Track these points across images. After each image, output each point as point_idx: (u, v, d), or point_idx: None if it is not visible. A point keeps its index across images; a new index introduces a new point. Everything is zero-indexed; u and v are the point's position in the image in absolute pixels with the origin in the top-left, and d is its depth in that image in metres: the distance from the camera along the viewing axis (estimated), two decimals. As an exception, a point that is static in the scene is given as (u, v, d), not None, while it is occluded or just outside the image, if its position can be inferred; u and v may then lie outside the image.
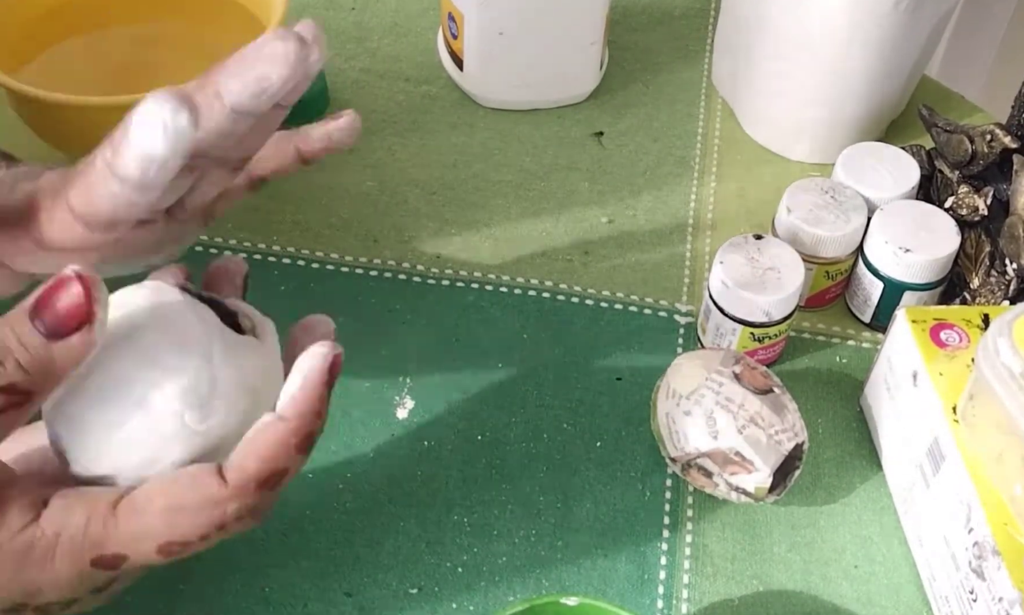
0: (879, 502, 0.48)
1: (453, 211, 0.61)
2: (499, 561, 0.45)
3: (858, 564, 0.46)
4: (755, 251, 0.51)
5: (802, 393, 0.52)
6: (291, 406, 0.32)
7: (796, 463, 0.45)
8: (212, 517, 0.31)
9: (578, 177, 0.64)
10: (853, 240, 0.53)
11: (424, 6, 0.75)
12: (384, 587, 0.44)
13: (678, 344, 0.55)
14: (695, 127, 0.68)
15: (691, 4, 0.77)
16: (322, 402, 0.32)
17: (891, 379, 0.48)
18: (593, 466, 0.49)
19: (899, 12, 0.58)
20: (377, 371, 0.52)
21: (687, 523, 0.47)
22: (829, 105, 0.63)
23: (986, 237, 0.53)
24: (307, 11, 0.74)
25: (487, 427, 0.50)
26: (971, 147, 0.56)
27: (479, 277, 0.57)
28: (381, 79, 0.70)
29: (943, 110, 0.65)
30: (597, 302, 0.56)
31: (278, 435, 0.32)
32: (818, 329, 0.56)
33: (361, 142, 0.65)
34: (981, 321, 0.47)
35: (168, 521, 0.31)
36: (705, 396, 0.45)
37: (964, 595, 0.41)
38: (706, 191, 0.63)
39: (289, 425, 0.32)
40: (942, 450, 0.43)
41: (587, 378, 0.53)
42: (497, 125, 0.67)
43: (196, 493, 0.31)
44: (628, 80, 0.71)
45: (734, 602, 0.45)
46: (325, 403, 0.33)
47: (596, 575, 0.45)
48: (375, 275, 0.57)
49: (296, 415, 0.32)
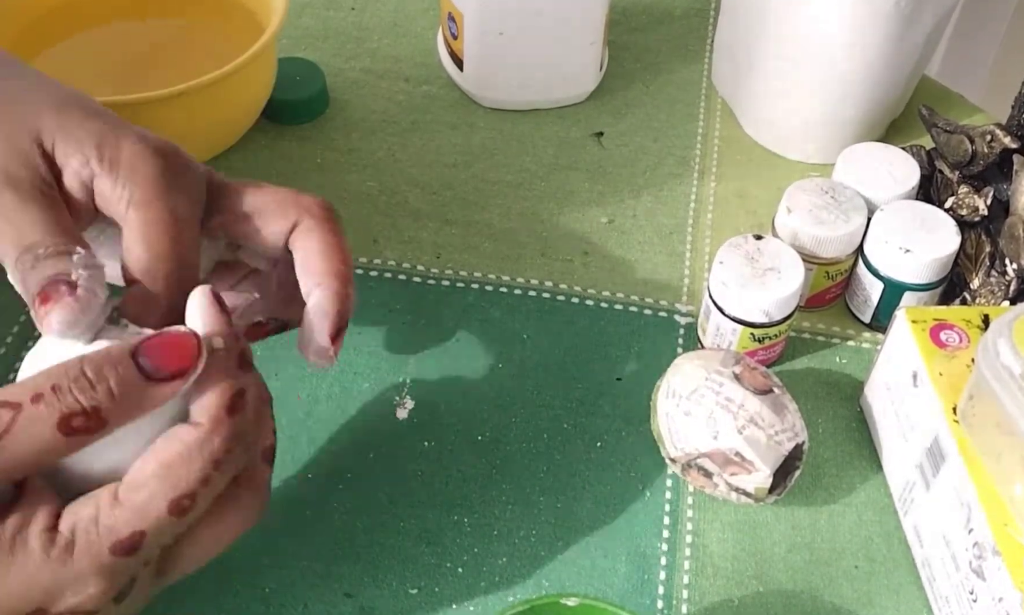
0: (879, 502, 0.48)
1: (453, 211, 0.61)
2: (499, 561, 0.45)
3: (858, 564, 0.46)
4: (755, 251, 0.51)
5: (802, 393, 0.52)
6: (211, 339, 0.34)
7: (796, 463, 0.45)
8: (202, 459, 0.33)
9: (578, 177, 0.64)
10: (853, 240, 0.53)
11: (424, 6, 0.75)
12: (384, 587, 0.44)
13: (678, 344, 0.55)
14: (695, 127, 0.68)
15: (691, 4, 0.77)
16: (231, 325, 0.35)
17: (891, 379, 0.48)
18: (593, 466, 0.49)
19: (899, 12, 0.58)
20: (377, 371, 0.52)
21: (687, 523, 0.47)
22: (829, 105, 0.63)
23: (986, 237, 0.53)
24: (307, 11, 0.74)
25: (487, 427, 0.50)
26: (971, 147, 0.56)
27: (479, 277, 0.57)
28: (381, 79, 0.70)
29: (943, 110, 0.65)
30: (597, 302, 0.56)
31: (219, 362, 0.34)
32: (818, 329, 0.56)
33: (361, 142, 0.65)
34: (981, 321, 0.47)
35: (165, 479, 0.32)
36: (705, 396, 0.45)
37: (964, 595, 0.41)
38: (706, 191, 0.63)
39: (221, 352, 0.34)
40: (942, 450, 0.43)
41: (587, 378, 0.53)
42: (497, 125, 0.67)
43: (177, 445, 0.32)
44: (628, 80, 0.71)
45: (734, 602, 0.45)
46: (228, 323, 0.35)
47: (596, 575, 0.45)
48: (375, 275, 0.57)
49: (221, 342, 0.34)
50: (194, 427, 0.33)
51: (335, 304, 0.40)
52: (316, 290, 0.40)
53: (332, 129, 0.66)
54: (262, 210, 0.41)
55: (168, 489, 0.32)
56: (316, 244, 0.40)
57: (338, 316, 0.40)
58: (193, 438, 0.33)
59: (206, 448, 0.33)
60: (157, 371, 0.32)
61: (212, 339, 0.34)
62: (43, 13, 0.63)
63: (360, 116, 0.67)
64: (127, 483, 0.32)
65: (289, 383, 0.51)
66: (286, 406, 0.50)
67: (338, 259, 0.40)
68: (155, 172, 0.38)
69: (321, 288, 0.40)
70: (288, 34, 0.72)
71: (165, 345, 0.33)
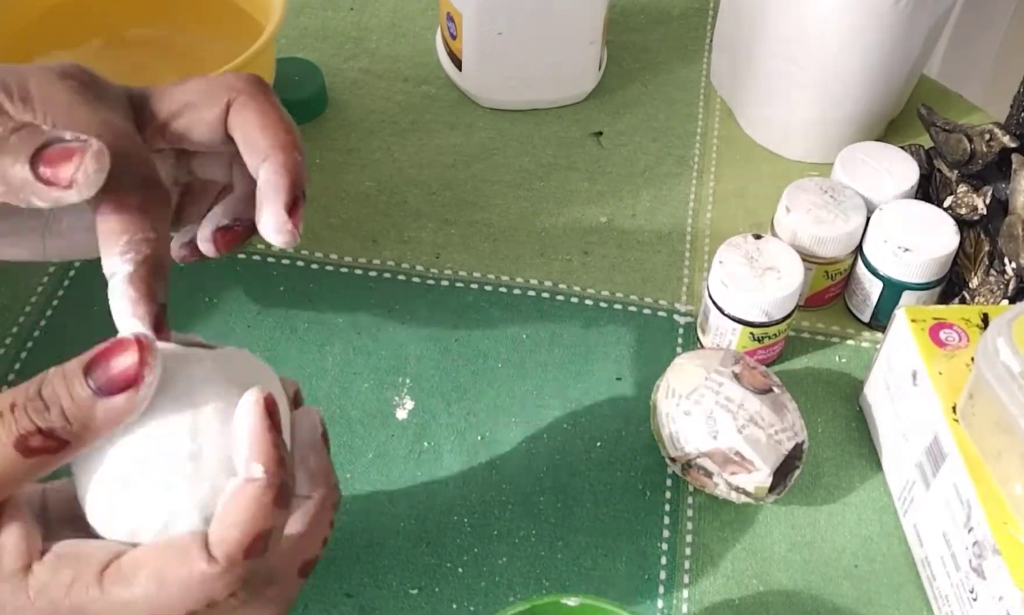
0: (879, 502, 0.48)
1: (453, 211, 0.61)
2: (499, 561, 0.45)
3: (858, 564, 0.46)
4: (754, 251, 0.51)
5: (802, 393, 0.52)
6: (250, 464, 0.31)
7: (796, 463, 0.45)
8: (200, 594, 0.30)
9: (577, 177, 0.64)
10: (852, 240, 0.53)
11: (423, 6, 0.75)
12: (384, 587, 0.44)
13: (678, 344, 0.55)
14: (694, 127, 0.68)
15: (690, 4, 0.77)
16: (278, 449, 0.31)
17: (891, 378, 0.48)
18: (593, 466, 0.49)
19: (898, 11, 0.58)
20: (377, 371, 0.52)
21: (687, 523, 0.47)
22: (828, 104, 0.63)
23: (985, 236, 0.53)
24: (305, 11, 0.74)
25: (487, 427, 0.50)
26: (970, 146, 0.56)
27: (479, 277, 0.57)
28: (380, 79, 0.70)
29: (942, 110, 0.65)
30: (596, 302, 0.56)
31: (251, 497, 0.31)
32: (818, 329, 0.56)
33: (360, 142, 0.65)
34: (980, 320, 0.47)
35: (152, 596, 0.30)
36: (705, 396, 0.45)
37: (964, 594, 0.41)
38: (705, 191, 0.63)
39: (258, 484, 0.31)
40: (942, 449, 0.43)
41: (587, 378, 0.53)
42: (496, 125, 0.67)
43: (182, 567, 0.30)
44: (627, 80, 0.71)
45: (734, 602, 0.45)
46: (282, 449, 0.32)
47: (596, 575, 0.45)
48: (375, 275, 0.57)
49: (261, 472, 0.31)
50: (207, 560, 0.30)
51: (283, 176, 0.37)
52: (263, 166, 0.37)
53: (331, 129, 0.66)
54: (191, 102, 0.38)
55: (151, 607, 0.30)
56: (253, 119, 0.38)
57: (290, 187, 0.37)
58: (198, 569, 0.30)
59: (207, 587, 0.30)
60: (106, 385, 0.30)
61: (252, 466, 0.31)
62: (38, 18, 0.62)
63: (359, 116, 0.67)
64: (115, 569, 0.30)
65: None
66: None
67: (279, 129, 0.38)
68: (69, 94, 0.35)
69: (267, 162, 0.37)
70: (287, 34, 0.72)
71: (105, 355, 0.30)
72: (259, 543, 0.30)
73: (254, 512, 0.30)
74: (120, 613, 0.30)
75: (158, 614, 0.30)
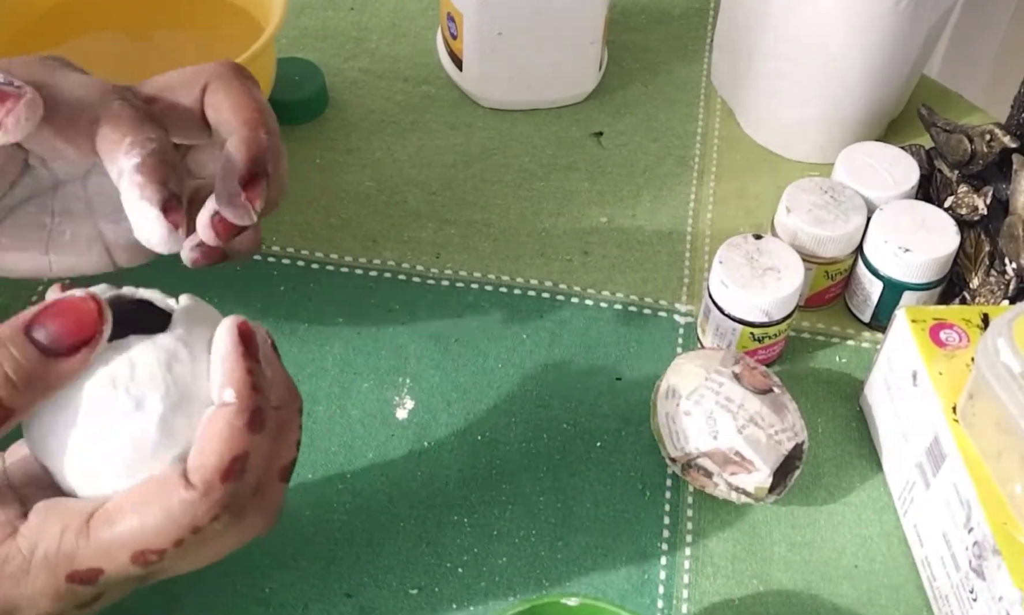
0: (879, 502, 0.48)
1: (453, 211, 0.61)
2: (499, 561, 0.45)
3: (858, 564, 0.46)
4: (755, 251, 0.51)
5: (802, 393, 0.52)
6: (223, 389, 0.32)
7: (796, 463, 0.45)
8: (183, 521, 0.30)
9: (577, 177, 0.64)
10: (853, 240, 0.53)
11: (423, 6, 0.75)
12: (384, 587, 0.44)
13: (678, 344, 0.55)
14: (694, 127, 0.68)
15: (690, 4, 0.77)
16: (252, 375, 0.32)
17: (891, 379, 0.48)
18: (593, 466, 0.49)
19: (898, 11, 0.58)
20: (377, 371, 0.52)
21: (687, 523, 0.47)
22: (828, 105, 0.63)
23: (985, 237, 0.53)
24: (306, 11, 0.74)
25: (487, 427, 0.50)
26: (970, 147, 0.56)
27: (479, 277, 0.57)
28: (380, 79, 0.70)
29: (943, 110, 0.65)
30: (596, 302, 0.56)
31: (224, 421, 0.31)
32: (818, 329, 0.56)
33: (360, 142, 0.65)
34: (980, 321, 0.47)
35: (140, 529, 0.30)
36: (705, 396, 0.45)
37: (964, 594, 0.41)
38: (705, 191, 0.63)
39: (230, 409, 0.31)
40: (942, 449, 0.43)
41: (587, 378, 0.53)
42: (496, 125, 0.67)
43: (164, 499, 0.30)
44: (627, 80, 0.71)
45: (734, 602, 0.45)
46: (257, 375, 0.32)
47: (596, 575, 0.45)
48: (375, 275, 0.57)
49: (233, 396, 0.31)
50: (184, 486, 0.30)
51: (243, 149, 0.37)
52: (227, 143, 0.37)
53: (331, 129, 0.66)
54: (169, 86, 0.38)
55: (137, 540, 0.30)
56: (224, 100, 0.38)
57: (249, 162, 0.36)
58: (178, 498, 0.30)
59: (188, 513, 0.30)
60: (56, 344, 0.30)
61: (225, 391, 0.31)
62: (37, 18, 0.62)
63: (359, 116, 0.67)
64: (101, 514, 0.31)
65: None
66: (286, 406, 0.50)
67: (248, 107, 0.38)
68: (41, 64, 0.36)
69: (231, 138, 0.37)
70: (287, 34, 0.72)
71: (60, 313, 0.30)
72: (235, 466, 0.31)
73: (228, 436, 0.31)
74: (112, 553, 0.30)
75: (146, 547, 0.30)
